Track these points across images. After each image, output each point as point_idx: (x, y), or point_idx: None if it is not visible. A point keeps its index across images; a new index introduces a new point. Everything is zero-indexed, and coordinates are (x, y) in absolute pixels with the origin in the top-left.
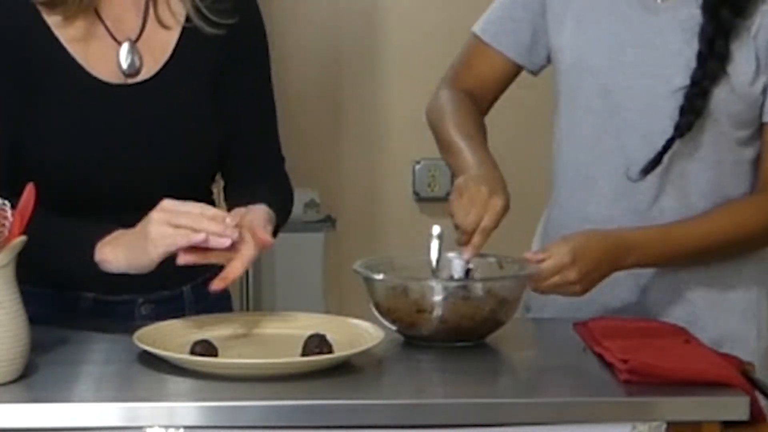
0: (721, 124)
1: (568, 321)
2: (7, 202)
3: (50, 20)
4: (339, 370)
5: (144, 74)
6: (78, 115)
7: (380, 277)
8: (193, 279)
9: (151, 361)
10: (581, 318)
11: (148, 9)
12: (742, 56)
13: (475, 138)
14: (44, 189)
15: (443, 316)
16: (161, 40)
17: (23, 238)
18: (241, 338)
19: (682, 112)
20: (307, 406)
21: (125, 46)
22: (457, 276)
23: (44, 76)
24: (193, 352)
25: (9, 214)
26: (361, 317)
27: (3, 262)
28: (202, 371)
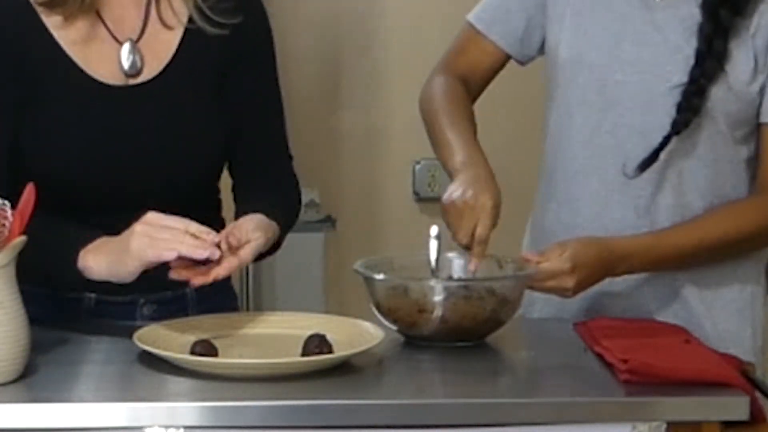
0: (717, 123)
1: (568, 321)
2: (7, 202)
3: (49, 22)
4: (339, 370)
5: (145, 75)
6: (78, 117)
7: (381, 277)
8: None
9: (151, 361)
10: (581, 318)
11: (150, 9)
12: (740, 55)
13: (463, 132)
14: (45, 190)
15: (444, 316)
16: (163, 41)
17: (23, 238)
18: (241, 338)
19: (680, 109)
20: (307, 406)
21: (126, 46)
22: (456, 276)
23: (43, 79)
24: (193, 352)
25: (9, 214)
26: (361, 317)
27: (3, 262)
28: (202, 371)
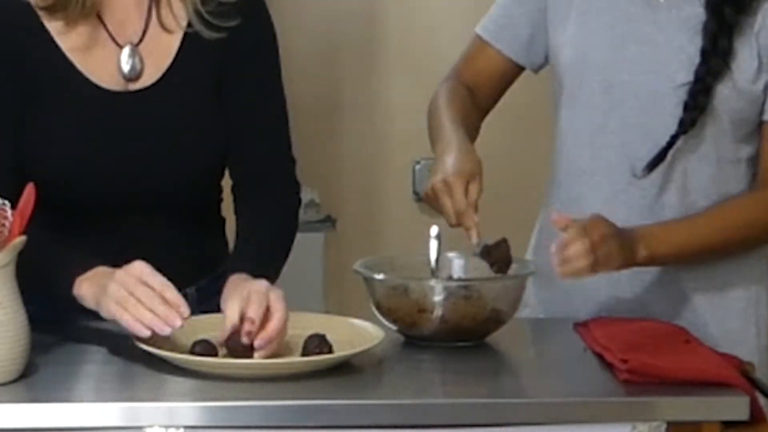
0: (722, 122)
1: (568, 321)
2: (7, 202)
3: (51, 27)
4: (339, 370)
5: (145, 80)
6: (77, 121)
7: (381, 277)
8: (197, 281)
9: (151, 361)
10: (581, 318)
11: (151, 12)
12: (744, 53)
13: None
14: (45, 193)
15: (444, 316)
16: (163, 44)
17: (23, 238)
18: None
19: (686, 108)
20: (307, 406)
21: (126, 50)
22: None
23: (44, 83)
24: (192, 352)
25: (9, 214)
26: (361, 317)
27: (3, 262)
28: (202, 371)
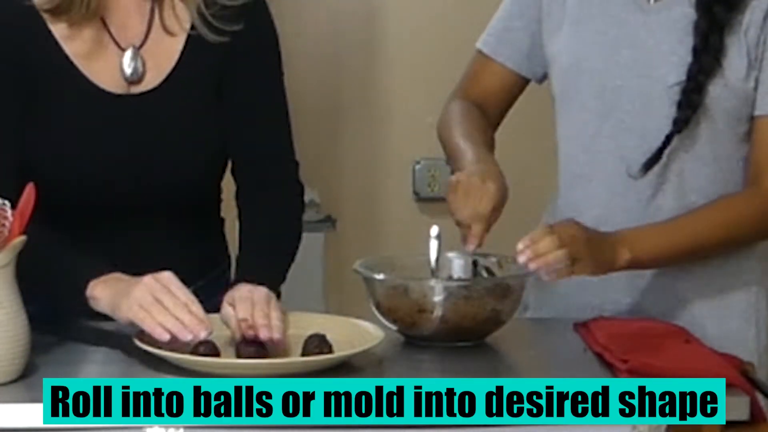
0: (716, 121)
1: (568, 321)
2: (7, 202)
3: (55, 29)
4: (339, 370)
5: (148, 83)
6: (81, 124)
7: (381, 276)
8: (198, 280)
9: (151, 361)
10: (581, 318)
11: (153, 15)
12: (734, 51)
13: (477, 140)
14: (48, 196)
15: (444, 316)
16: (166, 47)
17: (23, 238)
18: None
19: (679, 107)
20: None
21: (128, 52)
22: (456, 276)
23: (47, 86)
24: (195, 353)
25: (9, 214)
26: (361, 317)
27: (3, 262)
28: (202, 371)
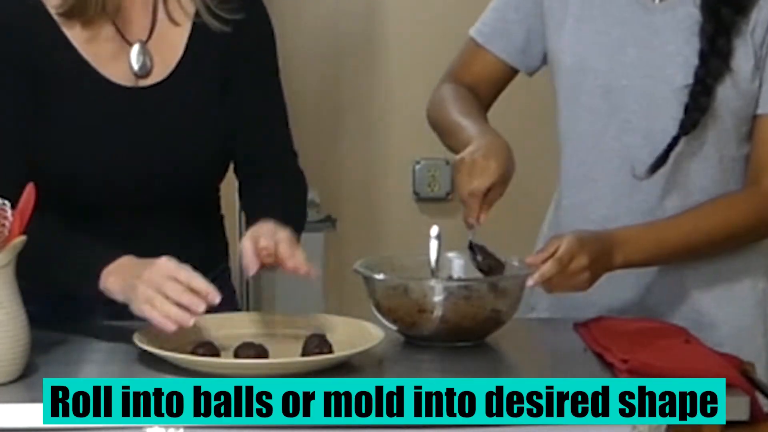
0: (723, 121)
1: (568, 321)
2: (7, 202)
3: (65, 27)
4: (339, 370)
5: (156, 76)
6: (90, 116)
7: (381, 276)
8: None
9: (151, 361)
10: (582, 318)
11: (157, 8)
12: (741, 52)
13: (476, 116)
14: (52, 190)
15: (444, 316)
16: (171, 39)
17: (23, 238)
18: (241, 338)
19: (687, 110)
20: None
21: (136, 47)
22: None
23: (57, 78)
24: (194, 354)
25: (9, 214)
26: (361, 317)
27: (3, 262)
28: (202, 371)
